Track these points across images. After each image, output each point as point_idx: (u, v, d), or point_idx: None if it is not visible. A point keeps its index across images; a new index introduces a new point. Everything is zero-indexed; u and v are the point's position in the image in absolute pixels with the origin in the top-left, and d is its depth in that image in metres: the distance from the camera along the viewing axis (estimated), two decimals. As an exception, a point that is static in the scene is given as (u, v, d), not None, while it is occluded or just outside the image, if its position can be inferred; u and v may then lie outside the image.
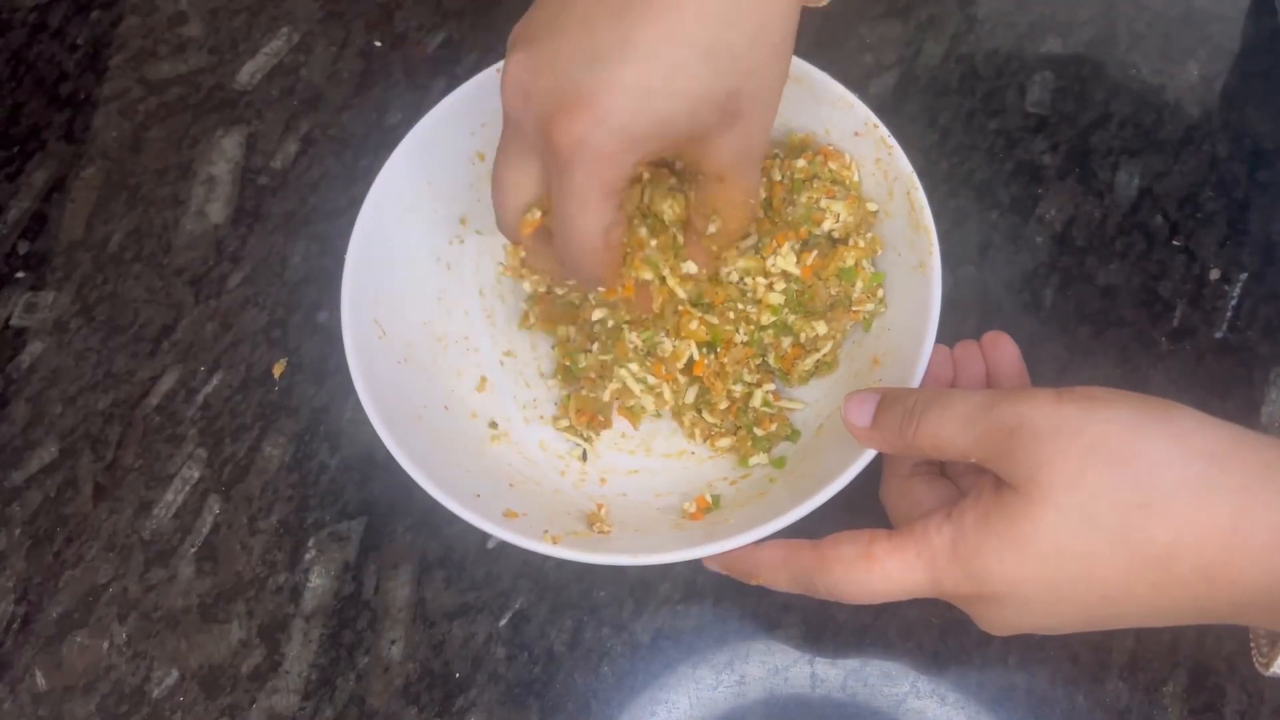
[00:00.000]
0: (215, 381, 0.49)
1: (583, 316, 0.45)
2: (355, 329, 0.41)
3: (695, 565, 0.44)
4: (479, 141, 0.46)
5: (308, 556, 0.45)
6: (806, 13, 0.34)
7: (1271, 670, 0.32)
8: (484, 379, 0.46)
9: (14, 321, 0.51)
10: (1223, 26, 0.54)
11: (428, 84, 0.55)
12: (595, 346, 0.44)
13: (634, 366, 0.44)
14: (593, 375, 0.45)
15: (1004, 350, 0.41)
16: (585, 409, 0.45)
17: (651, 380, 0.44)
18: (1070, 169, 0.51)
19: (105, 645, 0.44)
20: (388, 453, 0.47)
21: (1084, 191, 0.50)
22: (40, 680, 0.43)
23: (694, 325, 0.43)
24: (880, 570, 0.33)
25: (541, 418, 0.46)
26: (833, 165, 0.44)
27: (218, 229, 0.53)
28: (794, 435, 0.44)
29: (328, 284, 0.51)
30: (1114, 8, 0.55)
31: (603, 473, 0.45)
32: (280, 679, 0.43)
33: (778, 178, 0.45)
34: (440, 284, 0.47)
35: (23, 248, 0.53)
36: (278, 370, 0.49)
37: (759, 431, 0.43)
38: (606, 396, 0.45)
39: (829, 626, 0.42)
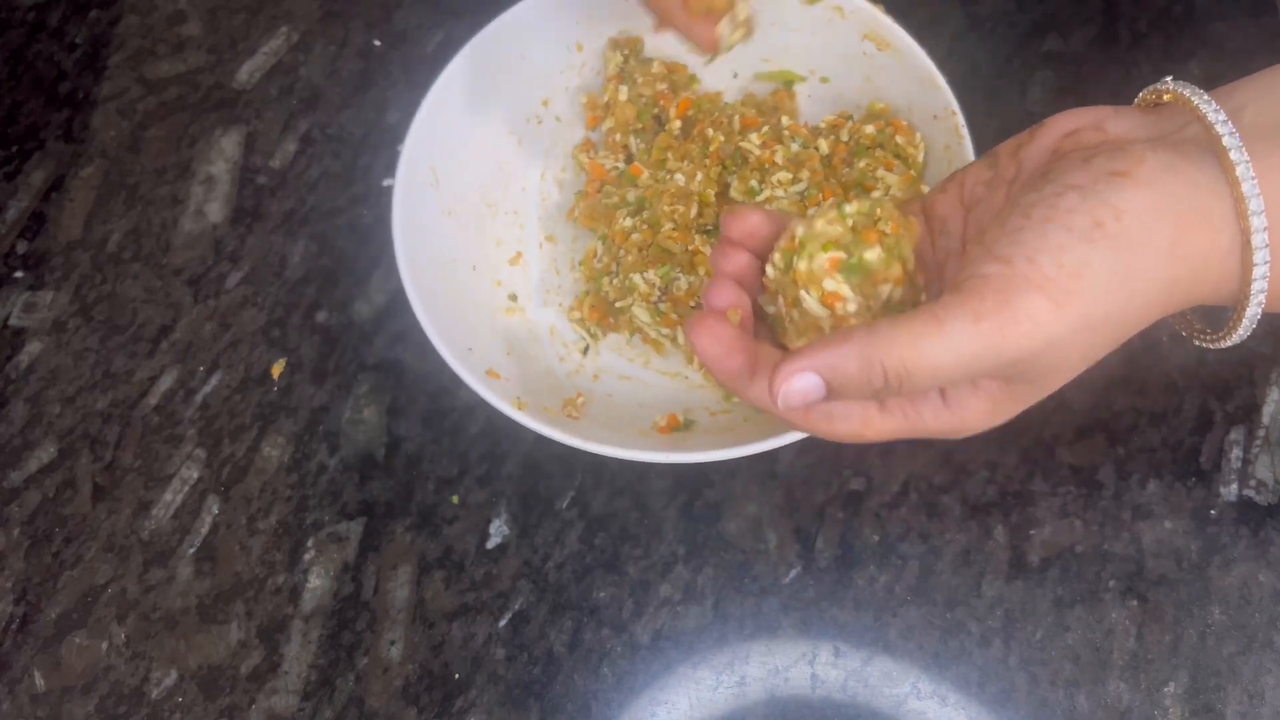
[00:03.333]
0: (214, 381, 0.49)
1: (614, 228, 0.46)
2: (410, 167, 0.43)
3: (695, 566, 0.43)
4: (581, 32, 0.48)
5: (307, 557, 0.45)
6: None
7: (1232, 339, 0.32)
8: (520, 254, 0.48)
9: (12, 321, 0.51)
10: (1224, 26, 0.54)
11: (427, 83, 0.55)
12: (615, 280, 0.46)
13: (645, 316, 0.45)
14: (613, 299, 0.46)
15: (744, 221, 0.36)
16: (598, 306, 0.46)
17: (665, 331, 0.46)
18: (1071, 169, 0.51)
19: (104, 646, 0.43)
20: (387, 452, 0.47)
21: (1085, 191, 0.50)
22: (39, 681, 0.43)
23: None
24: (945, 332, 0.29)
25: (560, 305, 0.48)
26: (900, 139, 0.45)
27: (216, 228, 0.52)
28: None
29: (327, 283, 0.51)
30: (1115, 7, 0.55)
31: (598, 370, 0.46)
32: (279, 680, 0.43)
33: (845, 138, 0.46)
34: (506, 155, 0.48)
35: (21, 247, 0.53)
36: (276, 370, 0.49)
37: None
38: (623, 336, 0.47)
39: (830, 627, 0.42)
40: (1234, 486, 0.44)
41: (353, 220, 0.52)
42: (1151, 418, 0.45)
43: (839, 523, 0.44)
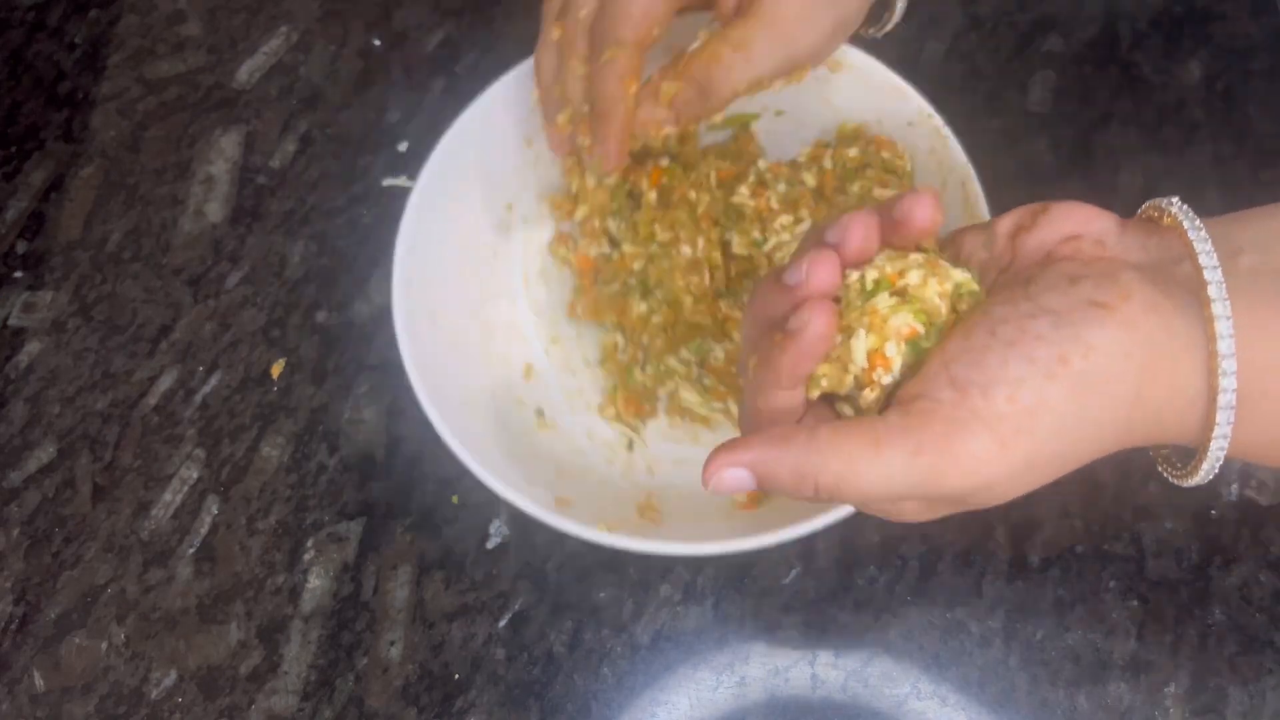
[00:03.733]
0: (214, 381, 0.49)
1: (627, 316, 0.45)
2: (406, 316, 0.41)
3: (695, 566, 0.43)
4: (527, 128, 0.47)
5: (306, 557, 0.45)
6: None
7: (1194, 481, 0.31)
8: (529, 366, 0.46)
9: (12, 321, 0.51)
10: (1225, 26, 0.54)
11: (427, 83, 0.55)
12: (647, 369, 0.45)
13: (694, 397, 0.44)
14: (651, 387, 0.45)
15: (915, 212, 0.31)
16: (632, 399, 0.45)
17: (717, 405, 0.45)
18: (1072, 169, 0.51)
19: (104, 646, 0.43)
20: (387, 453, 0.47)
21: (1086, 191, 0.50)
22: (39, 681, 0.43)
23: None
24: (883, 459, 0.28)
25: (588, 406, 0.46)
26: (886, 154, 0.44)
27: (216, 228, 0.52)
28: None
29: (326, 283, 0.51)
30: (1116, 7, 0.55)
31: (650, 462, 0.45)
32: (279, 680, 0.42)
33: (829, 166, 0.45)
34: (487, 271, 0.47)
35: (21, 247, 0.53)
36: (276, 370, 0.49)
37: None
38: (664, 400, 0.45)
39: (830, 627, 0.42)
40: (1235, 486, 0.44)
41: (352, 220, 0.52)
42: (1152, 418, 0.45)
43: (839, 523, 0.44)
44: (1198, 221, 0.29)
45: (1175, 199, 0.30)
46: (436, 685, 0.42)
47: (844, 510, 0.37)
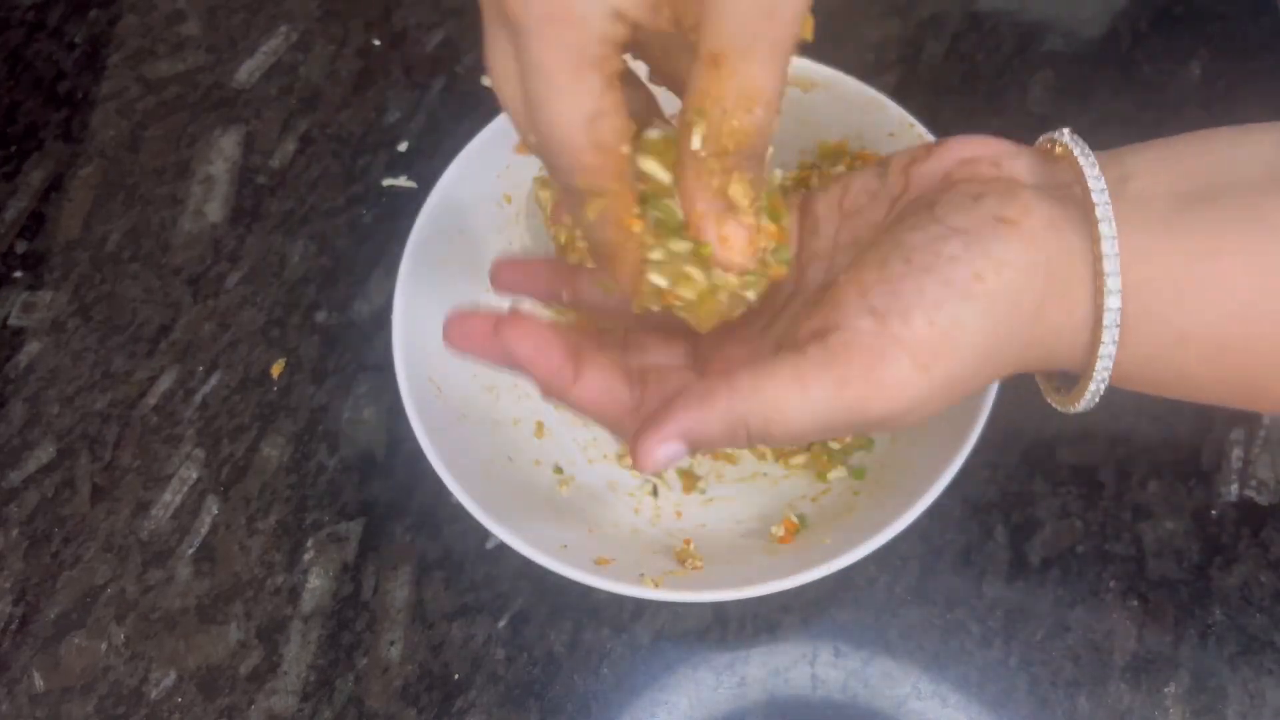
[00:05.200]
0: (213, 381, 0.49)
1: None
2: (413, 391, 0.40)
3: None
4: (505, 184, 0.46)
5: (306, 557, 0.45)
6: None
7: (1079, 406, 0.31)
8: (540, 424, 0.45)
9: (11, 321, 0.51)
10: (1224, 26, 0.54)
11: (426, 82, 0.55)
12: None
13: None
14: None
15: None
16: None
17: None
18: (1071, 168, 0.51)
19: (103, 646, 0.43)
20: (387, 453, 0.46)
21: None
22: (38, 681, 0.43)
23: None
24: (810, 396, 0.28)
25: (605, 456, 0.45)
26: None
27: (216, 228, 0.52)
28: (869, 444, 0.43)
29: (326, 283, 0.51)
30: (1116, 7, 0.55)
31: (676, 505, 0.44)
32: (279, 680, 0.42)
33: (816, 185, 0.44)
34: None
35: (20, 247, 0.52)
36: (276, 370, 0.49)
37: (834, 445, 0.43)
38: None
39: (830, 627, 0.42)
40: (1235, 486, 0.44)
41: (352, 220, 0.52)
42: (1152, 418, 0.45)
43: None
44: (1087, 149, 0.29)
45: (1065, 130, 0.30)
46: (436, 685, 0.42)
47: (892, 530, 0.36)
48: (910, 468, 0.40)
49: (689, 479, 0.44)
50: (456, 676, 0.42)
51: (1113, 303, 0.28)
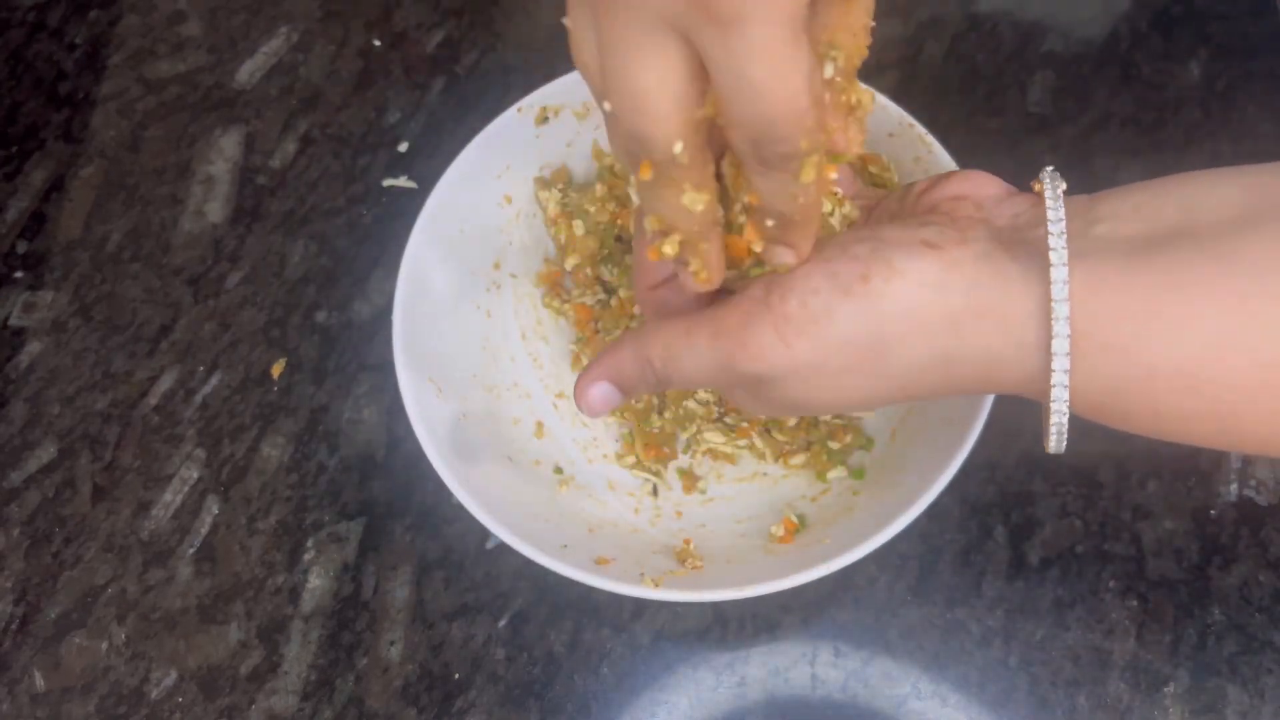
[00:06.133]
0: (214, 381, 0.49)
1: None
2: (413, 391, 0.40)
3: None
4: (505, 184, 0.46)
5: (306, 557, 0.45)
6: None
7: (1049, 448, 0.31)
8: (540, 424, 0.45)
9: (12, 321, 0.51)
10: (1224, 26, 0.54)
11: (427, 83, 0.55)
12: (665, 414, 0.44)
13: (718, 437, 0.44)
14: (670, 432, 0.44)
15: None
16: (651, 444, 0.44)
17: (741, 442, 0.44)
18: (1072, 169, 0.51)
19: (104, 646, 0.43)
20: (387, 452, 0.47)
21: (1086, 192, 0.50)
22: (39, 681, 0.43)
23: None
24: (692, 343, 0.33)
25: (605, 456, 0.45)
26: (873, 169, 0.44)
27: (216, 228, 0.52)
28: (868, 444, 0.43)
29: (326, 283, 0.51)
30: (1115, 7, 0.55)
31: (677, 505, 0.44)
32: (279, 680, 0.42)
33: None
34: (483, 332, 0.46)
35: (21, 247, 0.53)
36: (276, 370, 0.49)
37: (834, 444, 0.43)
38: (685, 457, 0.45)
39: (830, 627, 0.42)
40: (1234, 486, 0.44)
41: (353, 220, 0.52)
42: (1151, 418, 0.45)
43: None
44: (1059, 189, 0.30)
45: (1049, 168, 0.31)
46: (436, 685, 0.42)
47: (891, 530, 0.36)
48: (910, 468, 0.40)
49: (689, 479, 0.44)
50: (456, 676, 0.42)
51: (1060, 329, 0.28)
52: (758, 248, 0.32)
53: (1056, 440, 0.31)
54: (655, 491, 0.44)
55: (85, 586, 0.45)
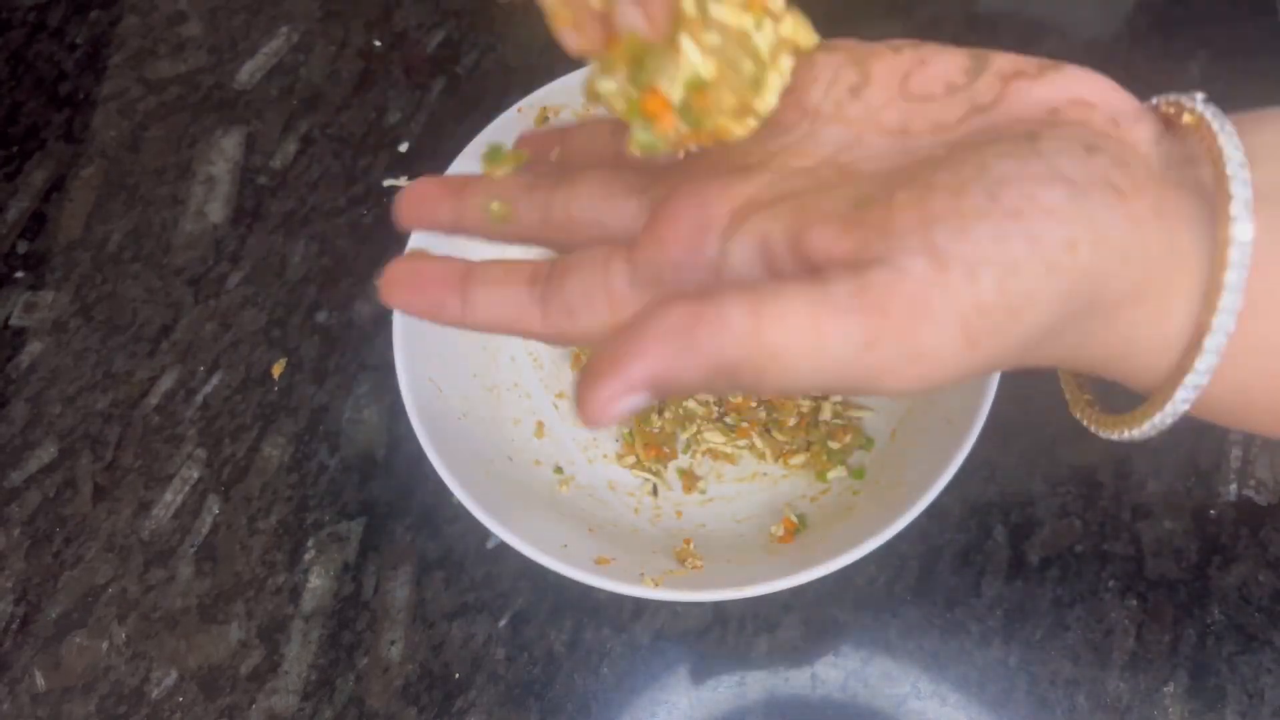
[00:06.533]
0: (214, 381, 0.49)
1: None
2: (414, 390, 0.40)
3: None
4: None
5: (307, 557, 0.45)
6: (806, 13, 0.34)
7: (1131, 434, 0.25)
8: (540, 424, 0.45)
9: (13, 321, 0.51)
10: (1224, 26, 0.54)
11: (427, 83, 0.55)
12: (665, 414, 0.44)
13: (718, 437, 0.44)
14: (670, 432, 0.45)
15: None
16: (651, 443, 0.44)
17: (741, 442, 0.44)
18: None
19: (104, 646, 0.44)
20: (387, 452, 0.47)
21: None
22: (39, 680, 0.43)
23: None
24: (827, 351, 0.22)
25: (605, 456, 0.45)
26: None
27: (217, 229, 0.52)
28: (868, 444, 0.44)
29: (327, 283, 0.51)
30: (1115, 7, 0.55)
31: (676, 505, 0.44)
32: (279, 679, 0.43)
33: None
34: (483, 334, 0.46)
35: (22, 247, 0.53)
36: (277, 370, 0.49)
37: (834, 444, 0.43)
38: (685, 456, 0.45)
39: (830, 627, 0.42)
40: (1234, 486, 0.44)
41: (353, 220, 0.52)
42: (1151, 418, 0.45)
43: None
44: (1228, 125, 0.23)
45: (1200, 95, 0.24)
46: (437, 685, 0.42)
47: (890, 530, 0.36)
48: (910, 467, 0.40)
49: (689, 479, 0.44)
50: (457, 676, 0.42)
51: (1224, 323, 0.22)
52: (596, 3, 0.24)
53: (1152, 429, 0.25)
54: (655, 491, 0.44)
55: (86, 586, 0.45)
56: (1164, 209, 0.23)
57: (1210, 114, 0.24)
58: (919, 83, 0.26)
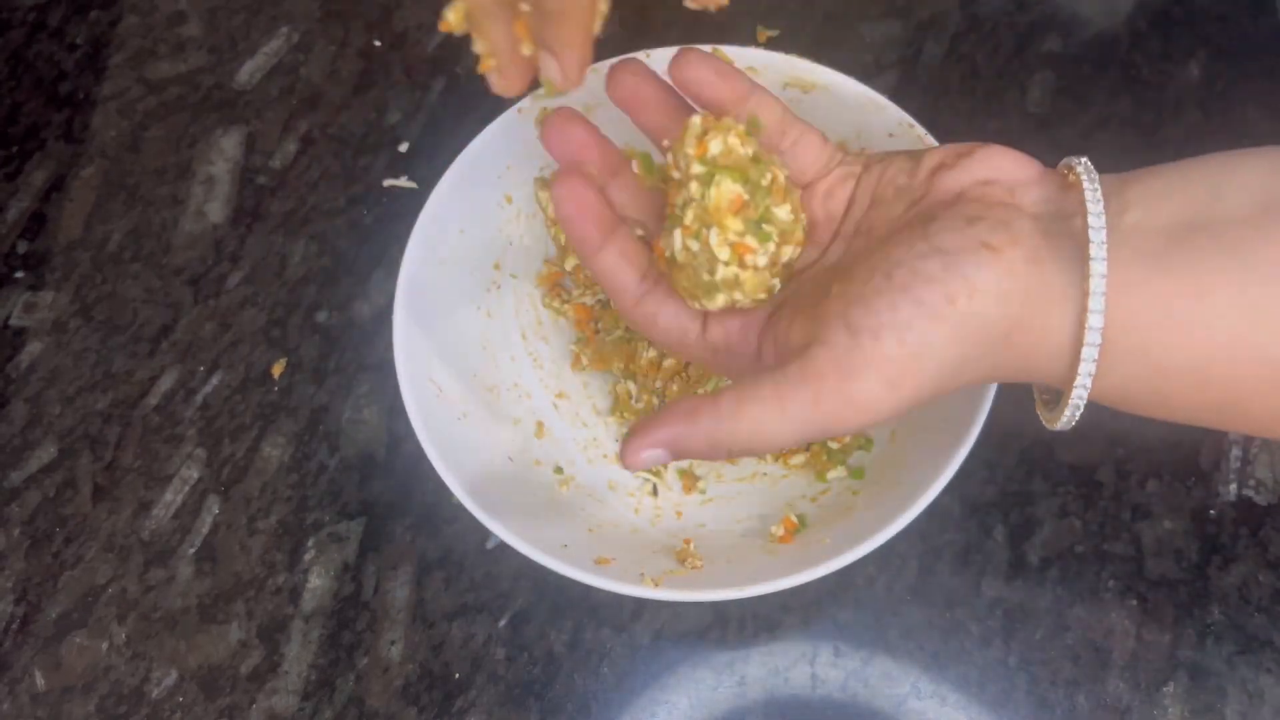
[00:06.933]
0: (214, 381, 0.49)
1: (637, 362, 0.45)
2: (414, 390, 0.40)
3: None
4: (506, 184, 0.46)
5: (307, 557, 0.45)
6: (806, 13, 0.34)
7: (1058, 425, 0.32)
8: (540, 424, 0.45)
9: (13, 321, 0.51)
10: (1223, 26, 0.54)
11: (427, 83, 0.55)
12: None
13: None
14: None
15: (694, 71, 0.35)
16: None
17: None
18: (1071, 169, 0.51)
19: (104, 646, 0.44)
20: (387, 452, 0.47)
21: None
22: (39, 680, 0.43)
23: None
24: (788, 416, 0.31)
25: (605, 456, 0.45)
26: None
27: (217, 229, 0.52)
28: (867, 444, 0.43)
29: (327, 283, 0.51)
30: (1115, 7, 0.55)
31: (676, 505, 0.44)
32: (279, 680, 0.43)
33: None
34: (482, 332, 0.46)
35: (21, 247, 0.53)
36: (277, 370, 0.49)
37: (833, 445, 0.43)
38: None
39: (830, 627, 0.42)
40: (1233, 486, 0.44)
41: (353, 220, 0.52)
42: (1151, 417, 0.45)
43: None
44: (1096, 182, 0.30)
45: (1084, 159, 0.31)
46: (437, 685, 0.42)
47: (890, 530, 0.37)
48: (909, 467, 0.40)
49: (689, 479, 0.44)
50: (457, 676, 0.42)
51: (1093, 338, 0.29)
52: (526, 50, 0.30)
53: (1066, 423, 0.32)
54: (655, 491, 0.44)
55: (86, 586, 0.45)
56: (1038, 255, 0.29)
57: (1084, 173, 0.30)
58: (879, 190, 0.34)
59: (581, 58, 0.31)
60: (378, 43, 0.57)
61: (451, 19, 0.31)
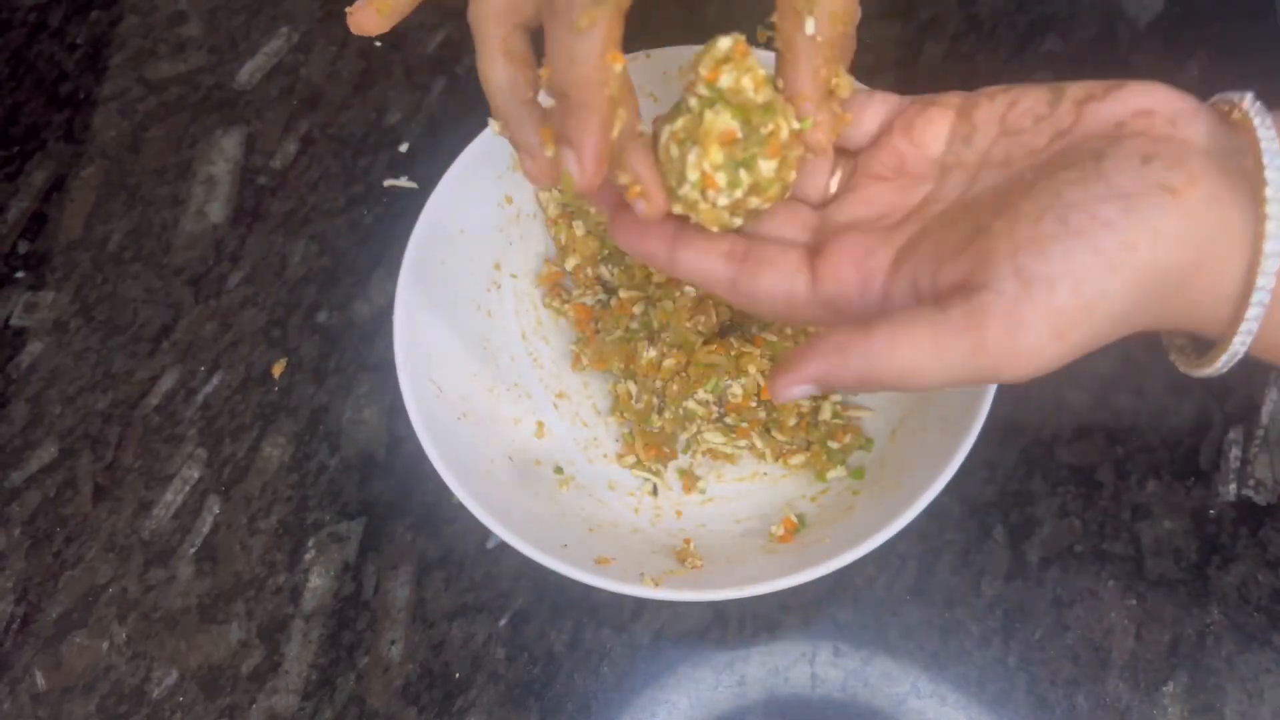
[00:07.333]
0: (215, 381, 0.49)
1: (637, 362, 0.45)
2: (414, 390, 0.40)
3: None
4: (505, 185, 0.46)
5: (307, 557, 0.45)
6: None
7: (1207, 370, 0.31)
8: (540, 424, 0.45)
9: (13, 321, 0.51)
10: (1224, 26, 0.54)
11: (427, 83, 0.55)
12: (665, 414, 0.44)
13: (718, 438, 0.44)
14: (670, 432, 0.45)
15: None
16: (651, 443, 0.44)
17: (741, 442, 0.44)
18: (1070, 169, 0.51)
19: (105, 645, 0.44)
20: (387, 452, 0.47)
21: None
22: (40, 680, 0.43)
23: (756, 355, 0.44)
24: (945, 360, 0.29)
25: (605, 456, 0.45)
26: None
27: (217, 229, 0.53)
28: (868, 444, 0.44)
29: (327, 283, 0.51)
30: (1114, 7, 0.55)
31: (676, 505, 0.44)
32: (280, 679, 0.43)
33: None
34: (483, 332, 0.46)
35: (22, 247, 0.53)
36: (277, 370, 0.49)
37: (833, 444, 0.43)
38: (685, 456, 0.45)
39: (829, 626, 0.42)
40: (1233, 486, 0.44)
41: (353, 220, 0.52)
42: (1150, 417, 0.45)
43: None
44: (1268, 120, 0.29)
45: (1248, 94, 0.30)
46: (437, 684, 0.42)
47: (889, 530, 0.37)
48: (909, 467, 0.40)
49: (689, 479, 0.44)
50: (457, 676, 0.42)
51: (1265, 282, 0.28)
52: (549, 152, 0.32)
53: (1218, 369, 0.31)
54: (655, 491, 0.44)
55: (86, 586, 0.45)
56: (1217, 195, 0.28)
57: (1254, 111, 0.29)
58: (1012, 120, 0.33)
59: (598, 150, 0.31)
60: (378, 43, 0.57)
61: (496, 128, 0.34)
